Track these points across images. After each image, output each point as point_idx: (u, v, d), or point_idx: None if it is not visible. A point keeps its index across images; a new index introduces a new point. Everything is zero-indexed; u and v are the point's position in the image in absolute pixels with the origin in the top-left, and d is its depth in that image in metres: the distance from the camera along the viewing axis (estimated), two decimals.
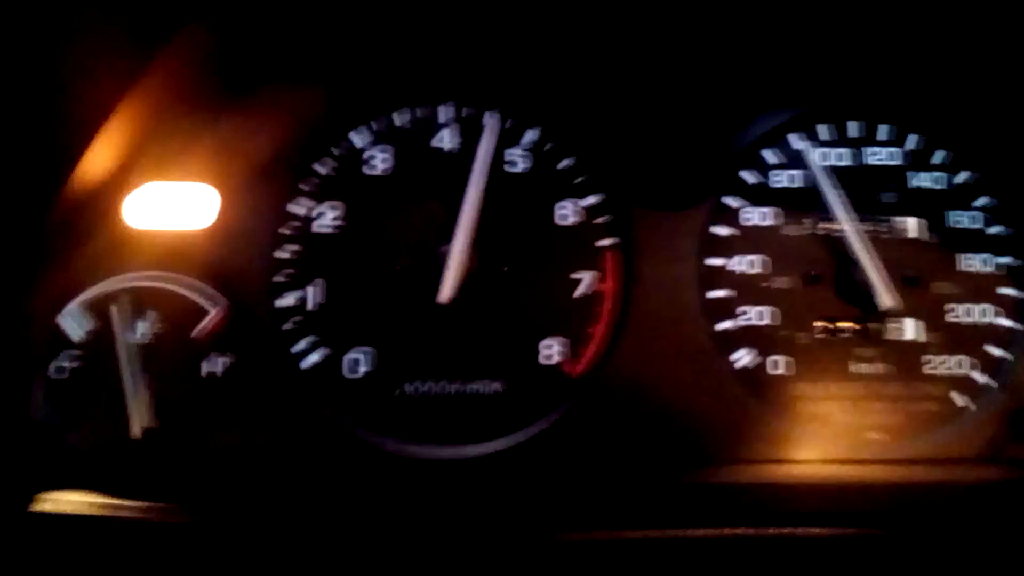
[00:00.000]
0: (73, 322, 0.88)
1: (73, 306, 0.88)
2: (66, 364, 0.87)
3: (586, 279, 0.99)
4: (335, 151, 0.98)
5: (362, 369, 0.93)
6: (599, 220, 1.01)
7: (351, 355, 0.93)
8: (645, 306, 0.98)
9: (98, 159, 0.87)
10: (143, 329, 0.88)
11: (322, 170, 0.98)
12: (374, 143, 0.99)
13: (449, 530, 0.86)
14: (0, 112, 0.74)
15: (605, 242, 1.01)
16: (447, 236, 0.94)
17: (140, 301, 0.89)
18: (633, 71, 1.04)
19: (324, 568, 0.82)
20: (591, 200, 1.02)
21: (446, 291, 0.92)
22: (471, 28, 0.99)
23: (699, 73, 1.05)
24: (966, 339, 1.02)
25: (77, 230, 0.88)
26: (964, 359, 1.02)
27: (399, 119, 1.00)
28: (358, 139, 0.99)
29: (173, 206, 0.92)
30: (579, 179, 1.02)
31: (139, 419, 0.85)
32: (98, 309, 0.88)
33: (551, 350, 0.97)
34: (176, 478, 0.84)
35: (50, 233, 0.85)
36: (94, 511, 0.78)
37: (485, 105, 1.02)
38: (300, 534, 0.82)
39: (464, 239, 0.93)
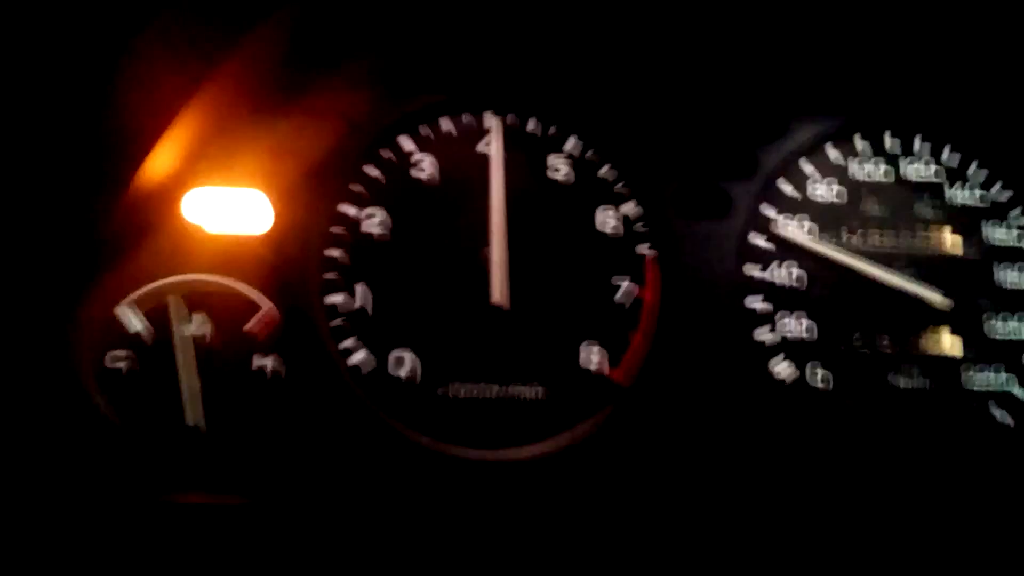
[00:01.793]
0: (130, 315, 0.90)
1: (131, 300, 0.90)
2: (123, 355, 0.89)
3: (625, 285, 1.01)
4: (384, 155, 1.01)
5: (406, 369, 0.95)
6: (638, 227, 1.03)
7: (395, 354, 0.95)
8: (684, 313, 1.00)
9: (159, 162, 0.90)
10: (197, 324, 0.91)
11: (372, 173, 1.00)
12: (422, 148, 1.01)
13: (486, 530, 0.87)
14: (70, 116, 0.77)
15: (644, 249, 1.02)
16: (488, 238, 0.96)
17: (195, 297, 0.91)
18: (674, 81, 1.06)
19: (361, 561, 0.83)
20: (630, 208, 1.03)
21: (496, 292, 0.94)
22: (515, 38, 1.02)
23: (739, 84, 1.07)
24: (1005, 353, 1.02)
25: (138, 229, 0.91)
26: (1003, 374, 1.02)
27: (445, 125, 1.03)
28: (407, 143, 1.02)
29: (230, 208, 0.95)
30: (618, 186, 1.04)
31: (192, 411, 0.87)
32: (155, 303, 0.91)
33: (591, 355, 0.98)
34: (226, 469, 0.85)
35: (112, 231, 0.88)
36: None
37: (527, 114, 1.04)
38: (340, 527, 0.84)
39: (499, 241, 0.95)
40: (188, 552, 0.77)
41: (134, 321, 0.90)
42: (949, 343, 1.02)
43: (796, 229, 1.03)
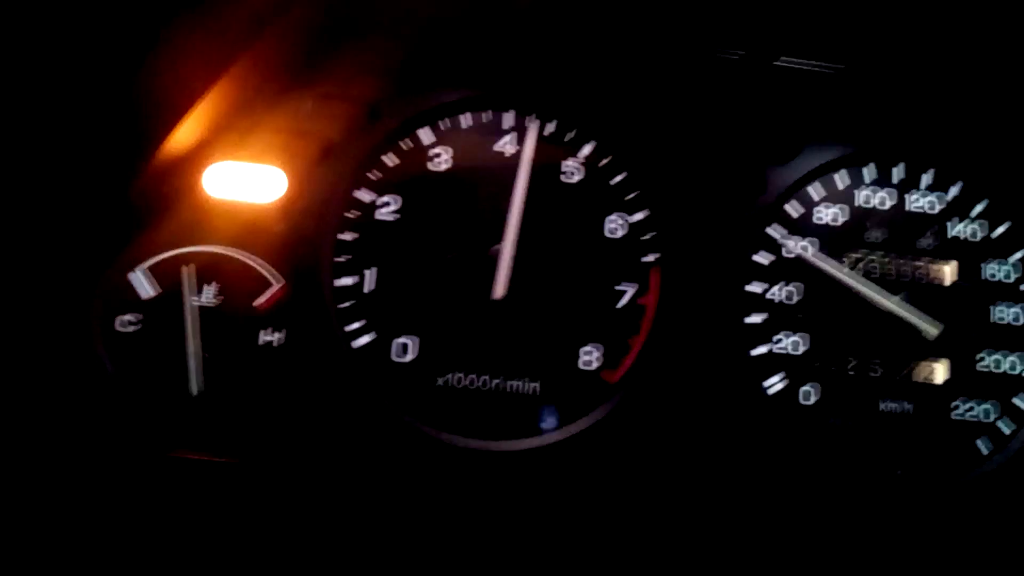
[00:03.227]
0: (144, 280, 0.92)
1: (145, 266, 0.92)
2: (133, 318, 0.91)
3: (629, 291, 1.03)
4: (403, 145, 1.03)
5: (408, 355, 0.97)
6: (646, 236, 1.05)
7: (399, 340, 0.97)
8: (684, 323, 1.02)
9: (184, 135, 0.92)
10: (209, 294, 0.93)
11: (389, 162, 1.02)
12: (440, 141, 1.04)
13: (476, 519, 0.89)
14: (102, 85, 0.79)
15: (650, 258, 1.04)
16: (500, 236, 0.98)
17: (208, 268, 0.93)
18: (693, 97, 1.09)
19: (350, 540, 0.85)
20: (639, 216, 1.05)
21: (499, 288, 0.96)
22: (541, 41, 1.04)
23: (756, 105, 1.09)
24: (996, 389, 1.04)
25: (160, 198, 0.93)
26: (992, 408, 1.04)
27: (465, 121, 1.05)
28: (425, 136, 1.04)
29: (248, 183, 0.97)
30: (630, 195, 1.06)
31: (197, 378, 0.89)
32: (168, 272, 0.93)
33: (590, 356, 1.00)
34: (227, 437, 0.87)
35: (136, 199, 0.90)
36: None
37: (543, 115, 1.06)
38: (332, 505, 0.86)
39: (511, 239, 0.97)
40: (180, 507, 0.79)
41: (146, 286, 0.92)
42: (940, 373, 1.04)
43: (803, 250, 1.05)
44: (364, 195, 1.01)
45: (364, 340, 0.96)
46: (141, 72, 0.80)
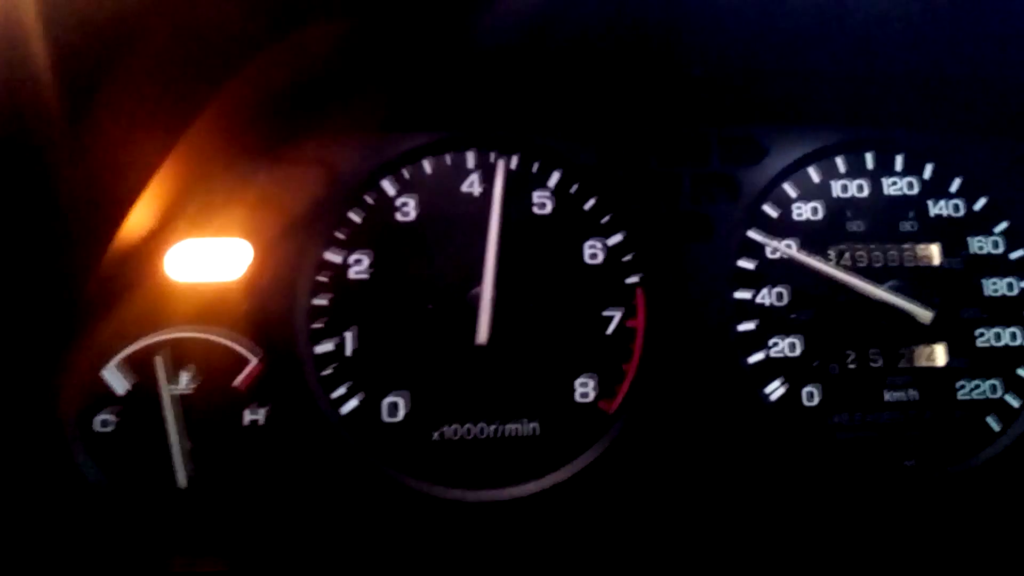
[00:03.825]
0: (117, 375, 0.89)
1: (117, 360, 0.89)
2: (111, 418, 0.88)
3: (617, 316, 1.00)
4: (368, 200, 1.01)
5: (400, 413, 0.94)
6: (626, 258, 1.03)
7: (388, 399, 0.94)
8: (676, 341, 0.99)
9: (140, 217, 0.89)
10: (185, 380, 0.89)
11: (356, 218, 1.00)
12: (405, 190, 1.01)
13: (492, 570, 0.86)
14: (48, 174, 0.76)
15: (633, 279, 1.02)
16: (477, 279, 0.96)
17: (182, 353, 0.90)
18: (650, 109, 1.07)
19: None
20: (617, 239, 1.04)
21: (482, 333, 0.93)
22: (493, 77, 1.02)
23: (712, 110, 1.08)
24: (998, 363, 1.03)
25: (120, 285, 0.90)
26: (998, 383, 1.02)
27: (429, 166, 1.03)
28: (390, 187, 1.01)
29: (211, 260, 0.94)
30: (604, 218, 1.04)
31: (184, 469, 0.86)
32: (141, 362, 0.90)
33: (586, 388, 0.97)
34: (220, 527, 0.84)
35: (95, 290, 0.87)
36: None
37: (505, 150, 1.04)
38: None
39: (490, 280, 0.95)
40: None
41: (121, 381, 0.89)
42: (940, 355, 1.02)
43: (787, 250, 1.03)
44: (334, 255, 0.98)
45: (352, 404, 0.93)
46: (83, 158, 0.77)
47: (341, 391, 0.93)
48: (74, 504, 0.84)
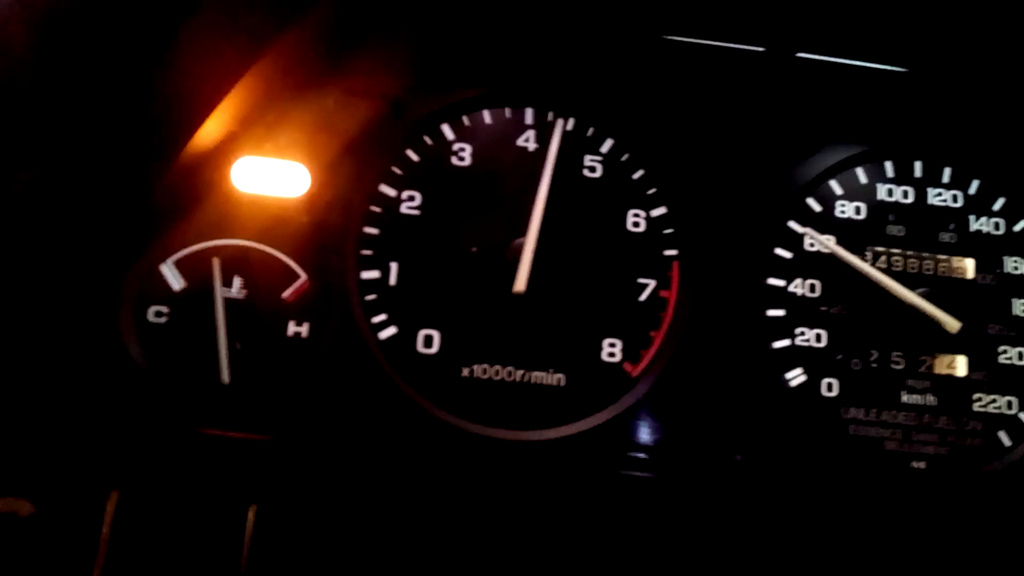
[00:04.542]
0: (175, 272, 0.94)
1: (177, 258, 0.94)
2: (164, 310, 0.93)
3: (651, 285, 1.03)
4: (427, 140, 1.04)
5: (433, 347, 0.98)
6: (666, 231, 1.06)
7: (423, 332, 0.98)
8: (705, 317, 1.02)
9: (210, 131, 0.93)
10: (237, 286, 0.94)
11: (413, 157, 1.04)
12: (463, 137, 1.05)
13: (501, 507, 0.89)
14: (127, 88, 0.80)
15: (671, 252, 1.05)
16: (523, 230, 0.99)
17: (236, 261, 0.95)
18: (712, 93, 1.09)
19: (376, 532, 0.86)
20: (660, 211, 1.06)
21: (520, 282, 0.97)
22: (562, 37, 1.05)
23: (776, 102, 1.10)
24: (1018, 381, 1.04)
25: (188, 193, 0.95)
26: (1014, 400, 1.04)
27: (488, 117, 1.06)
28: (449, 131, 1.05)
29: (275, 179, 0.98)
30: (650, 190, 1.07)
31: (226, 369, 0.90)
32: (197, 265, 0.94)
33: (613, 348, 1.01)
34: (256, 425, 0.88)
35: (164, 195, 0.92)
36: None
37: (562, 111, 1.07)
38: (359, 494, 0.87)
39: (535, 232, 0.98)
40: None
41: (178, 279, 0.93)
42: (962, 366, 1.04)
43: (826, 242, 1.06)
44: (387, 190, 1.02)
45: (390, 331, 0.97)
46: (166, 69, 0.81)
47: (381, 318, 0.97)
48: (120, 385, 0.89)
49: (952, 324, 1.02)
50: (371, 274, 0.99)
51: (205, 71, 0.86)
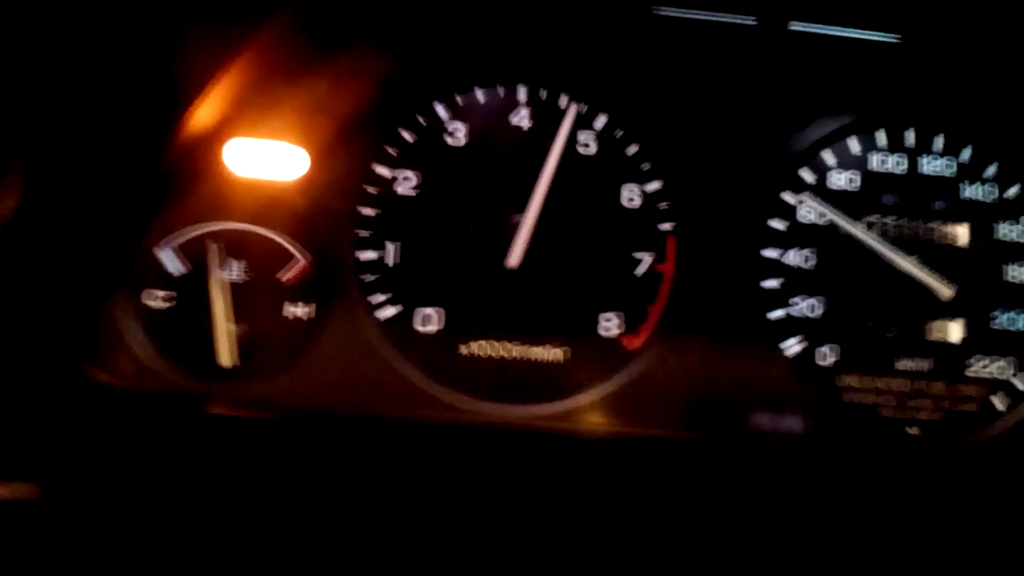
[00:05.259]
0: (172, 257, 0.94)
1: (174, 242, 0.94)
2: (161, 294, 0.93)
3: (647, 259, 1.04)
4: (420, 119, 1.04)
5: (433, 326, 0.98)
6: (662, 205, 1.06)
7: (423, 311, 0.99)
8: (702, 289, 1.03)
9: (204, 112, 0.93)
10: (236, 269, 0.94)
11: (408, 137, 1.03)
12: (457, 116, 1.05)
13: (502, 485, 0.90)
14: (120, 72, 0.80)
15: (666, 226, 1.05)
16: (519, 206, 1.00)
17: (235, 244, 0.95)
18: (703, 67, 1.09)
19: (374, 512, 0.87)
20: (654, 186, 1.07)
21: (515, 257, 0.97)
22: (553, 14, 1.05)
23: (762, 75, 1.10)
24: (1011, 346, 1.06)
25: (182, 175, 0.94)
26: (1007, 365, 1.05)
27: (481, 95, 1.06)
28: (442, 111, 1.05)
29: (271, 160, 0.98)
30: (644, 165, 1.07)
31: (226, 352, 0.90)
32: (195, 248, 0.94)
33: (610, 323, 1.01)
34: (258, 405, 0.89)
35: (158, 177, 0.92)
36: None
37: (559, 89, 1.07)
38: (362, 472, 0.88)
39: (535, 208, 0.99)
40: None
41: (175, 264, 0.94)
42: (955, 331, 1.05)
43: (822, 208, 1.06)
44: (383, 170, 1.02)
45: (389, 312, 0.98)
46: (159, 51, 0.81)
47: (380, 298, 0.98)
48: (117, 370, 0.89)
49: (945, 291, 1.04)
50: (369, 255, 0.99)
51: (199, 49, 0.86)
